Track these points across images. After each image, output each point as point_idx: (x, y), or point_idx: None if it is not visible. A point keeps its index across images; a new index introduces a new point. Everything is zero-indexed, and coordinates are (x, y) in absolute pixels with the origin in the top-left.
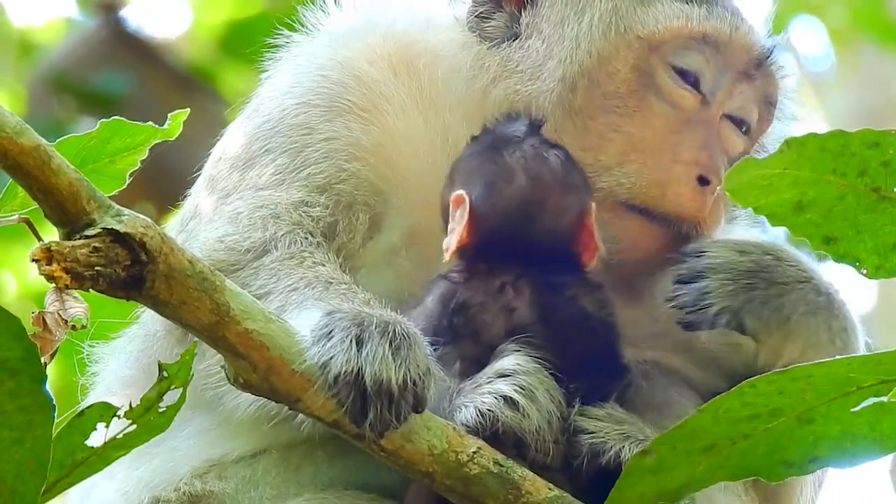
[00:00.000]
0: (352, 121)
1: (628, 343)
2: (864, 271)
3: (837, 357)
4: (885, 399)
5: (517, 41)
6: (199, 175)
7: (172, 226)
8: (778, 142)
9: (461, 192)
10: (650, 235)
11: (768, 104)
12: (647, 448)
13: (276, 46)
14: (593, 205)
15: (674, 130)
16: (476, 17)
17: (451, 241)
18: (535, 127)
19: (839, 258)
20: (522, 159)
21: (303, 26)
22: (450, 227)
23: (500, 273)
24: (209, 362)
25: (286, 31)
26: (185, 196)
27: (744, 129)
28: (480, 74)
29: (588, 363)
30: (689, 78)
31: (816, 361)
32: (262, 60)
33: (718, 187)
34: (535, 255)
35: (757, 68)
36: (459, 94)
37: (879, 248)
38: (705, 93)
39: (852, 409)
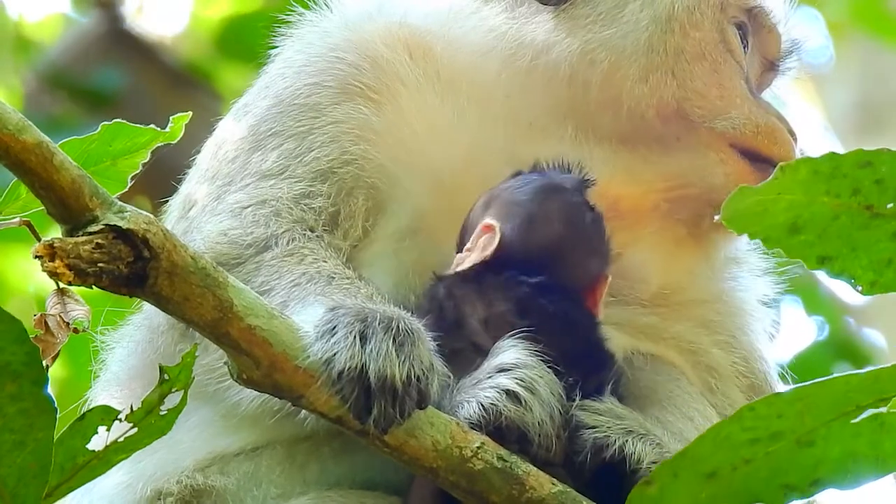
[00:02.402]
0: (362, 103)
1: (626, 337)
2: (860, 288)
3: (836, 375)
4: (883, 410)
5: None
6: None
7: (172, 210)
8: None
9: (493, 222)
10: (756, 181)
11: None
12: (649, 477)
13: (288, 24)
14: (609, 277)
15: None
16: None
17: (466, 263)
18: (584, 183)
19: (835, 276)
20: (563, 208)
21: (315, 4)
22: (468, 247)
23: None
24: (212, 357)
25: (298, 10)
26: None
27: None
28: (520, 52)
29: (573, 352)
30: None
31: (815, 381)
32: (259, 57)
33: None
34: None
35: (780, 62)
36: (492, 76)
37: (874, 265)
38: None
39: (852, 421)
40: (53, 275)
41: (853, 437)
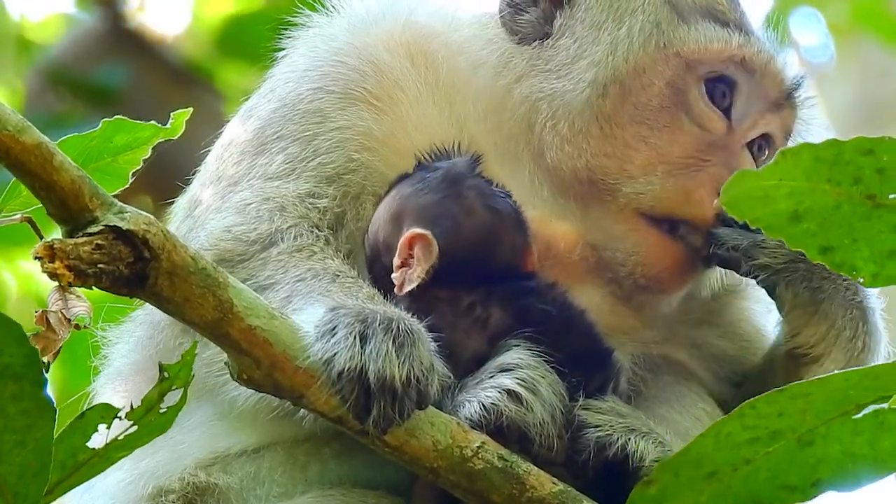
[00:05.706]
0: (364, 110)
1: (635, 339)
2: (862, 280)
3: (836, 372)
4: (885, 406)
5: (548, 40)
6: (198, 169)
7: (178, 210)
8: None
9: (421, 230)
10: (667, 251)
11: (787, 135)
12: (651, 477)
13: (294, 26)
14: (534, 246)
15: (700, 150)
16: (510, 7)
17: (412, 278)
18: (475, 161)
19: (836, 267)
20: (478, 196)
21: (322, 6)
22: (398, 263)
23: (465, 295)
24: (211, 352)
25: (303, 11)
26: (183, 191)
27: (763, 158)
28: (505, 72)
29: (576, 355)
30: (720, 102)
31: (815, 378)
32: (261, 56)
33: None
34: (492, 278)
35: (786, 98)
36: (479, 89)
37: (876, 256)
38: (733, 119)
39: (854, 417)
40: (53, 276)
41: (853, 435)
